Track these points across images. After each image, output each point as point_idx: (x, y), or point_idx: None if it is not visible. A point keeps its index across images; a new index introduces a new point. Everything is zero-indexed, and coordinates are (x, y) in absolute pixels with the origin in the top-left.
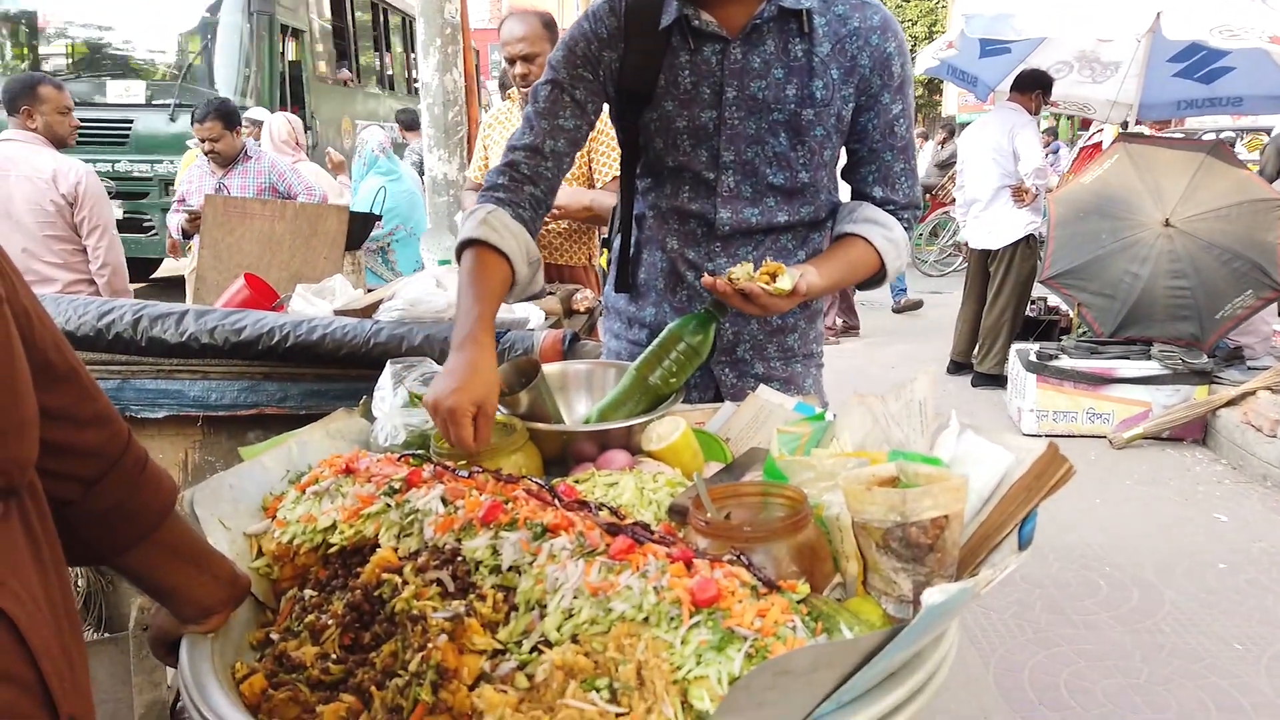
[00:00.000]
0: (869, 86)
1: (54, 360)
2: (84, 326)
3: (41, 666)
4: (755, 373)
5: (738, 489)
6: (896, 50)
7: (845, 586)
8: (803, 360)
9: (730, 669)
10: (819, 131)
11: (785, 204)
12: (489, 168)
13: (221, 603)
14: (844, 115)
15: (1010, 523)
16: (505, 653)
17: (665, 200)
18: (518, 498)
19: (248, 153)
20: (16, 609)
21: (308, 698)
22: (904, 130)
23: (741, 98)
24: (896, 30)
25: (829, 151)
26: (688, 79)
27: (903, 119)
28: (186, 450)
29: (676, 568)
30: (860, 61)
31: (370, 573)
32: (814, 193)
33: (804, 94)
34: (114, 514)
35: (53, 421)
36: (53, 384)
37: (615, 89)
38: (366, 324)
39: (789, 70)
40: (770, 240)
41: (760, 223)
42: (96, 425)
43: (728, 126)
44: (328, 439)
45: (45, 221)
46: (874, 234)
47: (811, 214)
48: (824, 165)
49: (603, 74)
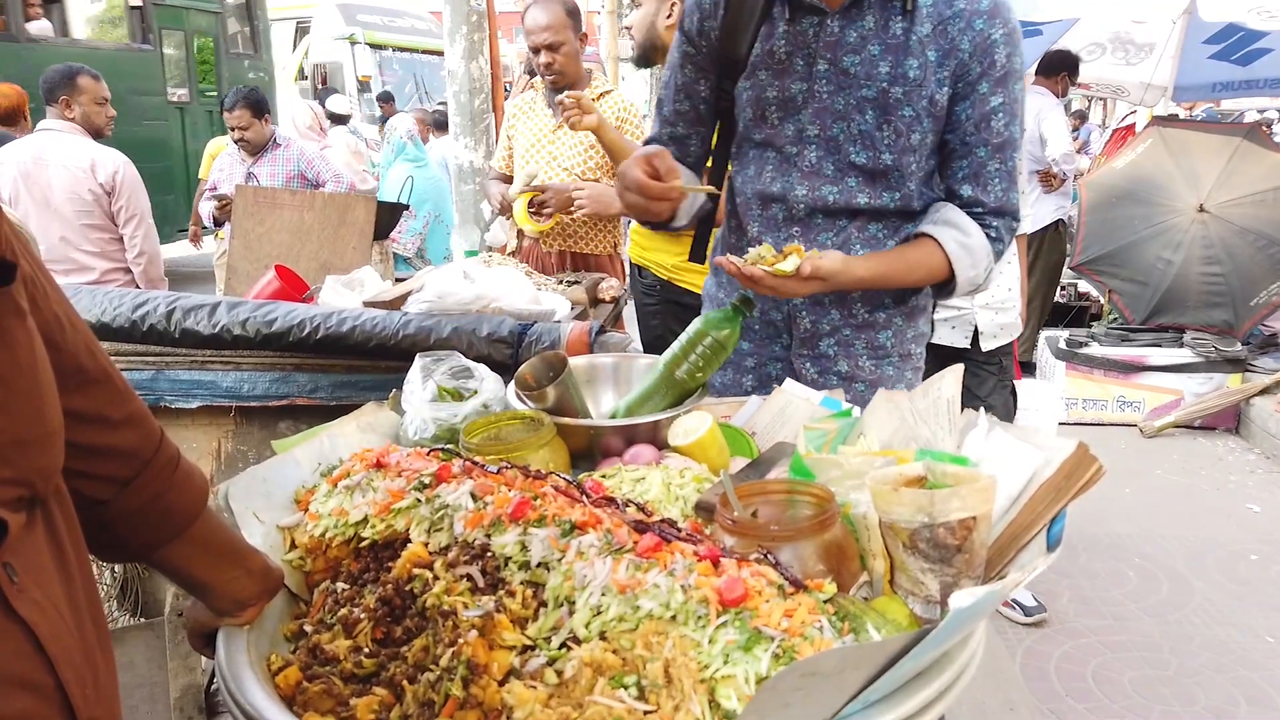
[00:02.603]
0: (966, 73)
1: (86, 364)
2: (119, 318)
3: (61, 674)
4: (839, 370)
5: (764, 486)
6: (1003, 38)
7: (872, 585)
8: (897, 361)
9: (757, 669)
10: (907, 112)
11: (867, 186)
12: (513, 159)
13: (255, 596)
14: (938, 99)
15: (1038, 523)
16: (534, 649)
17: (750, 184)
18: (546, 494)
19: (276, 140)
20: (37, 617)
21: (341, 690)
22: (1002, 125)
23: (833, 71)
24: (1008, 17)
25: (917, 135)
26: (782, 49)
27: (1002, 113)
28: (219, 440)
29: (704, 566)
30: (960, 45)
31: (402, 568)
32: (899, 178)
33: (896, 72)
34: (147, 512)
35: (86, 424)
36: (85, 386)
37: (714, 58)
38: (395, 316)
39: (885, 47)
40: (856, 227)
41: (838, 203)
42: (129, 426)
43: (815, 99)
44: (358, 432)
45: (83, 210)
46: (946, 236)
47: (898, 202)
48: (911, 150)
49: (704, 46)
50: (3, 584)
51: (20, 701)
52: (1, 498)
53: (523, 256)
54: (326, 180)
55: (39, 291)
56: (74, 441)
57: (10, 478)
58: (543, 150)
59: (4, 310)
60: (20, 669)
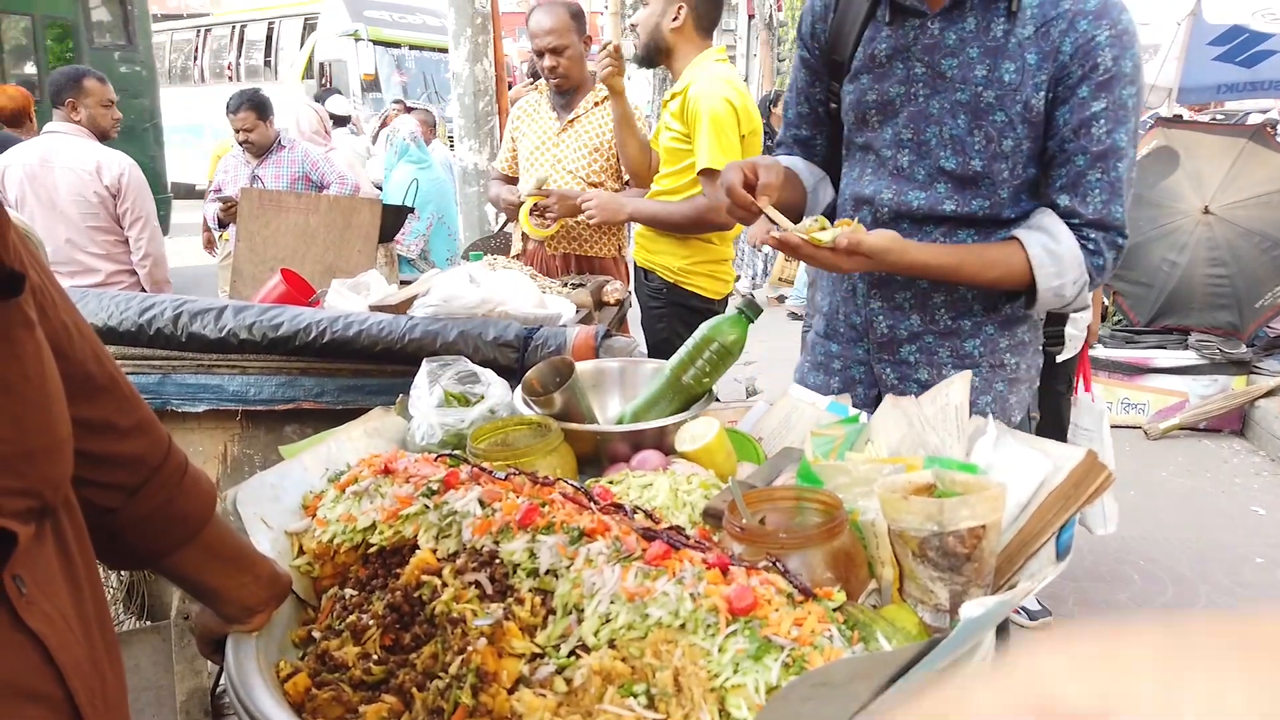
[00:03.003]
0: (1067, 76)
1: (94, 371)
2: (125, 322)
3: (71, 685)
4: (919, 378)
5: (772, 493)
6: (1109, 40)
7: (880, 593)
8: (985, 372)
9: (767, 678)
10: (999, 117)
11: (955, 192)
12: (516, 160)
13: (264, 602)
14: (1033, 104)
15: (1047, 531)
16: (543, 656)
17: (849, 186)
18: (554, 501)
19: (281, 142)
20: (46, 629)
21: (350, 697)
22: (1103, 132)
23: (929, 74)
24: (1116, 18)
25: (1010, 141)
26: (883, 52)
27: (1104, 119)
28: (225, 443)
29: (713, 574)
30: (1062, 47)
31: (410, 574)
32: (989, 186)
33: (992, 75)
34: (156, 519)
35: (94, 432)
36: (93, 394)
37: (825, 61)
38: (401, 320)
39: (984, 50)
40: (942, 233)
41: (922, 208)
42: (138, 434)
43: (911, 103)
44: (366, 438)
45: (89, 213)
46: (1032, 239)
47: (987, 210)
48: (1003, 156)
49: (816, 49)
50: (12, 596)
51: (31, 713)
52: (11, 509)
53: (527, 259)
54: (331, 182)
55: (47, 300)
56: (82, 450)
57: (19, 489)
58: (547, 153)
59: (12, 321)
60: (30, 681)
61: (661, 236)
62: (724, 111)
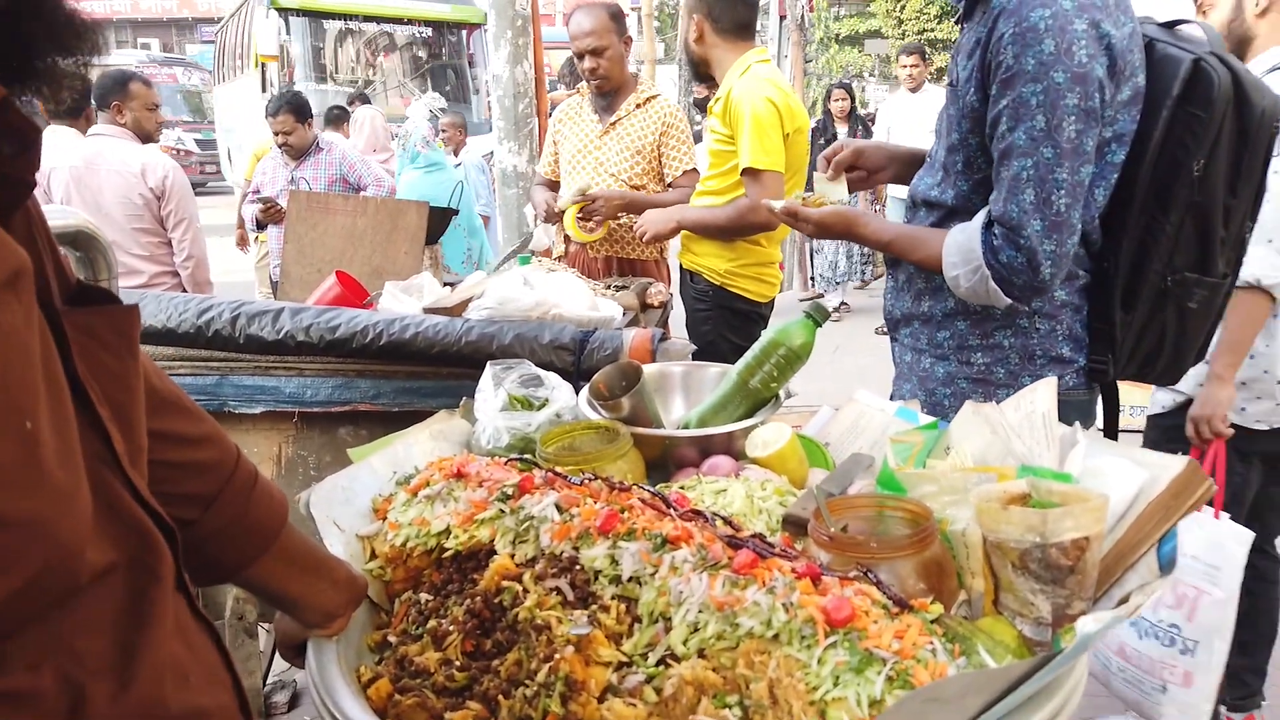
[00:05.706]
0: (988, 74)
1: (157, 385)
2: (184, 324)
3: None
4: (904, 360)
5: (852, 501)
6: (1013, 38)
7: (970, 604)
8: (953, 366)
9: (870, 691)
10: (951, 111)
11: (934, 181)
12: (558, 164)
13: (342, 606)
14: (969, 100)
15: (1146, 543)
16: (630, 665)
17: None
18: (633, 506)
19: (319, 145)
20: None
21: (434, 704)
22: (1005, 130)
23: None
24: (1025, 15)
25: (956, 135)
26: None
27: (1005, 116)
28: (280, 445)
29: (804, 584)
30: (990, 45)
31: (490, 580)
32: (942, 175)
33: (956, 72)
34: (234, 529)
35: (169, 443)
36: (162, 406)
37: None
38: (457, 322)
39: (961, 48)
40: (919, 218)
41: (918, 193)
42: (208, 443)
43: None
44: (432, 440)
45: (133, 215)
46: (956, 228)
47: (953, 199)
48: (954, 149)
49: None
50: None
51: (221, 697)
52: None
53: (569, 261)
54: (368, 184)
55: None
56: (158, 459)
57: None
58: (589, 156)
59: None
60: (217, 666)
61: (707, 239)
62: (765, 111)
